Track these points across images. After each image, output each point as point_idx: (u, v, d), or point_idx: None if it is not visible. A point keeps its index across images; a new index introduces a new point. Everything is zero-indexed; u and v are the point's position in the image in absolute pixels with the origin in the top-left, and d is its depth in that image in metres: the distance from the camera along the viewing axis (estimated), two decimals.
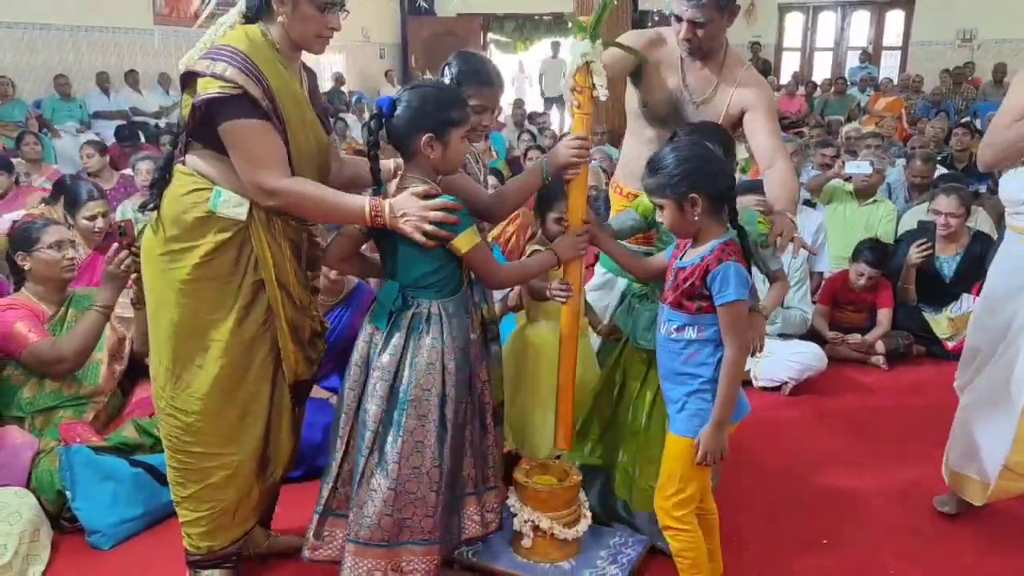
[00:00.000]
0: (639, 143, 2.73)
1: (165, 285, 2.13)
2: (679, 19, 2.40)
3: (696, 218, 2.00)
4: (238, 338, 2.14)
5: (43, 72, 9.49)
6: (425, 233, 1.97)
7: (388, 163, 2.30)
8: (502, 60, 16.21)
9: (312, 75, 2.28)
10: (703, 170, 1.97)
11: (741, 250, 2.03)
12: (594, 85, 2.13)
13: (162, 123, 9.98)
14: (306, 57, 2.20)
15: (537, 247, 2.57)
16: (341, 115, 10.45)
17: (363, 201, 2.01)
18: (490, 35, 15.92)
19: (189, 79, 2.03)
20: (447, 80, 2.31)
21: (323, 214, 2.13)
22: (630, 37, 2.54)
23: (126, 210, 4.90)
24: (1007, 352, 2.54)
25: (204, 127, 2.04)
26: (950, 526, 2.74)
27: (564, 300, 2.29)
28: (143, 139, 8.07)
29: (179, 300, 2.11)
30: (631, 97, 2.66)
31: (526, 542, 2.38)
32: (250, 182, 2.02)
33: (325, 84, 11.75)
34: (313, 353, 2.32)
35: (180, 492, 2.27)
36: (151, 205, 2.16)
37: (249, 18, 2.11)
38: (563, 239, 2.25)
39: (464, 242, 2.02)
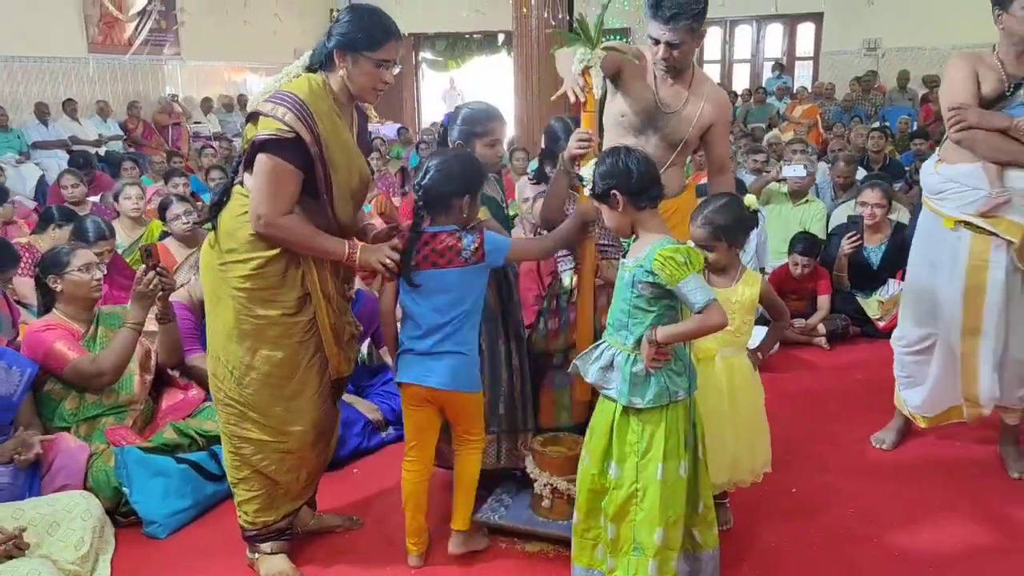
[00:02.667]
0: None
1: (222, 292, 2.39)
2: (656, 42, 2.77)
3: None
4: (288, 340, 2.41)
5: None
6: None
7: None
8: (434, 78, 16.61)
9: (363, 116, 2.57)
10: (459, 175, 2.42)
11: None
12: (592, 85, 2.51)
13: (102, 151, 10.01)
14: None
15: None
16: None
17: (343, 243, 2.36)
18: (422, 54, 16.21)
19: (254, 117, 2.30)
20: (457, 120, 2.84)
21: (307, 249, 2.37)
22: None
23: None
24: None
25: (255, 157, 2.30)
26: (896, 470, 3.22)
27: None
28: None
29: (234, 305, 2.38)
30: (610, 109, 3.00)
31: (546, 503, 2.71)
32: (256, 209, 2.28)
33: None
34: (351, 353, 2.62)
35: (236, 474, 2.52)
36: (210, 224, 2.41)
37: (312, 68, 2.38)
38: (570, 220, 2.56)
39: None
